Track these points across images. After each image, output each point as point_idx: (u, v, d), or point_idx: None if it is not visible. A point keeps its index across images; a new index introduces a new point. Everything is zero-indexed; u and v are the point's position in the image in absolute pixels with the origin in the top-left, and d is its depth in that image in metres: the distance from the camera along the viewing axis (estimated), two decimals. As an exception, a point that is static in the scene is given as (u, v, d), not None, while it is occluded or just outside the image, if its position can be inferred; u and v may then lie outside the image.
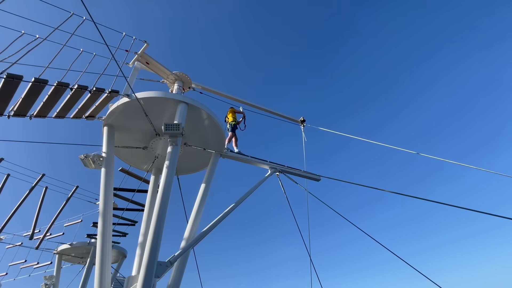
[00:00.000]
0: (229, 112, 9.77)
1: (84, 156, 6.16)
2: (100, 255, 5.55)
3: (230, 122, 9.38)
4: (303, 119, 10.89)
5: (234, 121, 9.43)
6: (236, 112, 9.80)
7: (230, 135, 9.11)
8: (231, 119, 9.48)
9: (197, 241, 6.21)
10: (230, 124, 9.34)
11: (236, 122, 9.48)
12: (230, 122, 9.38)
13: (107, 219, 5.90)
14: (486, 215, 5.80)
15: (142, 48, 7.64)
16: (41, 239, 10.46)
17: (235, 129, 9.28)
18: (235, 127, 9.31)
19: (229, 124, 9.38)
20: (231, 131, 9.19)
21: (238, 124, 9.53)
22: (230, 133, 9.17)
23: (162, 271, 5.17)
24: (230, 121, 9.43)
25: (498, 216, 5.73)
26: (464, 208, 6.22)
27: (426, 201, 6.79)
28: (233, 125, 9.29)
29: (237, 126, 9.44)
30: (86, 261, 12.58)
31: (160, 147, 7.67)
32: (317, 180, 8.91)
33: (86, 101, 5.84)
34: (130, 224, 10.71)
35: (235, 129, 9.30)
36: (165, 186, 5.81)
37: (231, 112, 9.74)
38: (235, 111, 9.77)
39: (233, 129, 9.22)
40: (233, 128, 9.24)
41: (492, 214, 5.79)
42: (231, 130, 9.21)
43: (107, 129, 6.83)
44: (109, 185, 6.23)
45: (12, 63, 4.67)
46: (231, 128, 9.24)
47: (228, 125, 9.36)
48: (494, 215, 5.78)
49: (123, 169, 8.38)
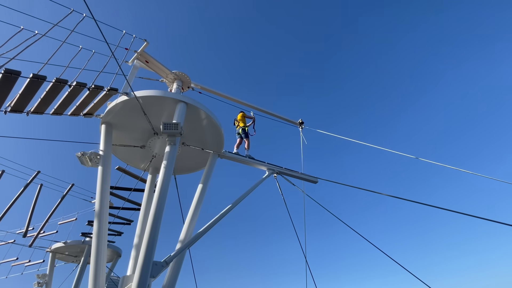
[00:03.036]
0: (239, 117, 9.66)
1: (81, 153, 6.11)
2: (95, 254, 5.50)
3: (242, 127, 9.31)
4: (302, 121, 10.91)
5: (245, 126, 9.37)
6: (246, 117, 9.71)
7: (239, 141, 9.07)
8: (242, 124, 9.41)
9: (193, 241, 6.18)
10: (242, 129, 9.26)
11: (246, 126, 9.41)
12: (242, 127, 9.30)
13: (103, 218, 5.84)
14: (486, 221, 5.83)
15: (142, 47, 7.61)
16: (35, 237, 10.34)
17: (247, 135, 9.25)
18: (247, 132, 9.28)
19: (241, 129, 9.30)
20: (245, 137, 9.15)
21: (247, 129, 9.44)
22: (239, 139, 9.13)
23: (158, 271, 5.14)
24: (241, 125, 9.36)
25: (498, 223, 5.76)
26: (464, 213, 6.25)
27: (425, 205, 6.81)
28: (246, 131, 9.27)
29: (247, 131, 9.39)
30: (80, 260, 12.46)
31: (157, 146, 7.64)
32: (314, 182, 8.92)
33: (85, 98, 5.80)
34: (126, 223, 10.64)
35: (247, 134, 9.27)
36: (162, 186, 5.78)
37: (241, 116, 9.64)
38: (245, 116, 9.67)
39: (246, 135, 9.20)
40: (246, 134, 9.22)
41: (492, 220, 5.83)
42: (243, 135, 9.16)
43: (105, 127, 6.78)
44: (106, 184, 6.18)
45: (10, 58, 4.63)
46: (243, 134, 9.19)
47: (241, 130, 9.27)
48: (494, 221, 5.81)
49: (120, 168, 8.33)
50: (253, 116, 9.91)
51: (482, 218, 5.89)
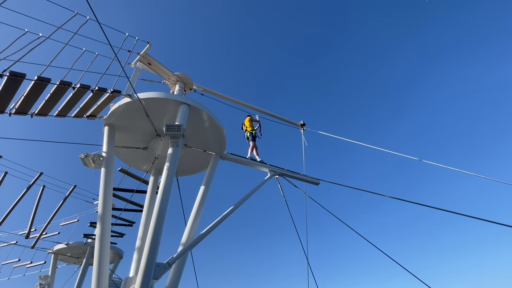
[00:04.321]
0: (246, 121, 9.81)
1: (84, 155, 6.14)
2: (98, 255, 5.51)
3: (250, 131, 9.46)
4: (303, 123, 10.92)
5: (253, 129, 9.51)
6: (253, 120, 9.88)
7: (252, 145, 9.16)
8: (250, 128, 9.56)
9: (195, 243, 6.19)
10: (250, 133, 9.42)
11: (253, 130, 9.57)
12: (249, 131, 9.46)
13: (106, 219, 5.86)
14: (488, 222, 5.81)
15: (144, 49, 7.65)
16: (37, 238, 10.36)
17: (255, 138, 9.36)
18: (254, 136, 9.41)
19: (249, 133, 9.46)
20: (252, 139, 9.25)
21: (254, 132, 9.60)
22: (252, 142, 9.22)
23: (161, 273, 5.14)
24: (249, 129, 9.51)
25: (499, 224, 5.75)
26: (465, 215, 6.23)
27: (427, 207, 6.79)
28: (254, 134, 9.40)
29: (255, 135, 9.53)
30: (82, 261, 12.46)
31: (160, 148, 7.66)
32: (316, 184, 8.91)
33: (88, 100, 5.83)
34: (128, 225, 10.65)
35: (255, 138, 9.38)
36: (165, 187, 5.79)
37: (248, 120, 9.78)
38: (252, 120, 9.82)
39: (253, 138, 9.30)
40: (254, 138, 9.34)
41: (493, 222, 5.81)
42: (251, 139, 9.27)
43: (108, 129, 6.81)
44: (109, 185, 6.20)
45: (15, 61, 4.66)
46: (251, 137, 9.31)
47: (249, 134, 9.43)
48: (495, 222, 5.80)
49: (122, 169, 8.35)
50: (259, 119, 10.06)
51: (483, 220, 5.88)
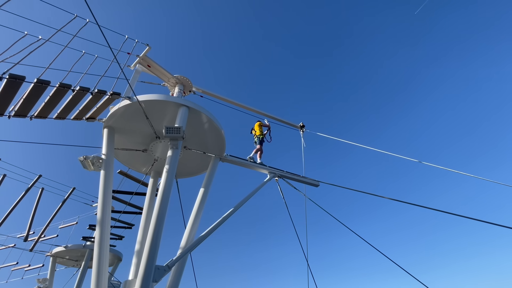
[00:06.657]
0: (256, 126, 10.30)
1: (83, 157, 6.12)
2: (97, 258, 5.48)
3: (258, 135, 9.92)
4: (303, 125, 10.94)
5: (261, 134, 9.97)
6: (262, 125, 10.30)
7: (258, 148, 9.57)
8: (258, 132, 10.00)
9: (195, 245, 6.16)
10: (258, 137, 9.87)
11: (262, 135, 9.99)
12: (258, 136, 9.91)
13: (105, 222, 5.84)
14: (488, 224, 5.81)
15: (144, 51, 7.65)
16: (36, 241, 10.31)
17: (262, 142, 9.82)
18: (262, 140, 9.87)
19: (256, 137, 9.91)
20: (259, 144, 9.71)
21: (264, 137, 10.02)
22: (258, 145, 9.65)
23: (160, 276, 5.12)
24: (257, 134, 9.96)
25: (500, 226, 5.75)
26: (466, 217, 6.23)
27: (428, 209, 6.80)
28: (261, 139, 9.86)
29: (264, 139, 9.97)
30: (81, 264, 12.39)
31: (159, 150, 7.65)
32: (316, 186, 8.91)
33: (87, 102, 5.83)
34: (127, 227, 10.61)
35: (263, 142, 9.84)
36: (165, 189, 5.78)
37: (258, 125, 10.26)
38: (261, 125, 10.29)
39: (260, 142, 9.75)
40: (261, 142, 9.79)
41: (494, 224, 5.81)
42: (258, 143, 9.72)
43: (107, 131, 6.80)
44: (108, 188, 6.19)
45: (15, 63, 4.66)
46: (258, 141, 9.77)
47: (256, 138, 9.89)
48: (496, 224, 5.80)
49: (121, 172, 8.34)
50: (268, 124, 10.47)
51: (484, 221, 5.88)
